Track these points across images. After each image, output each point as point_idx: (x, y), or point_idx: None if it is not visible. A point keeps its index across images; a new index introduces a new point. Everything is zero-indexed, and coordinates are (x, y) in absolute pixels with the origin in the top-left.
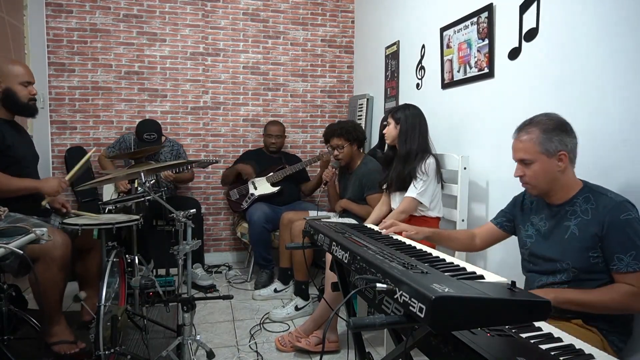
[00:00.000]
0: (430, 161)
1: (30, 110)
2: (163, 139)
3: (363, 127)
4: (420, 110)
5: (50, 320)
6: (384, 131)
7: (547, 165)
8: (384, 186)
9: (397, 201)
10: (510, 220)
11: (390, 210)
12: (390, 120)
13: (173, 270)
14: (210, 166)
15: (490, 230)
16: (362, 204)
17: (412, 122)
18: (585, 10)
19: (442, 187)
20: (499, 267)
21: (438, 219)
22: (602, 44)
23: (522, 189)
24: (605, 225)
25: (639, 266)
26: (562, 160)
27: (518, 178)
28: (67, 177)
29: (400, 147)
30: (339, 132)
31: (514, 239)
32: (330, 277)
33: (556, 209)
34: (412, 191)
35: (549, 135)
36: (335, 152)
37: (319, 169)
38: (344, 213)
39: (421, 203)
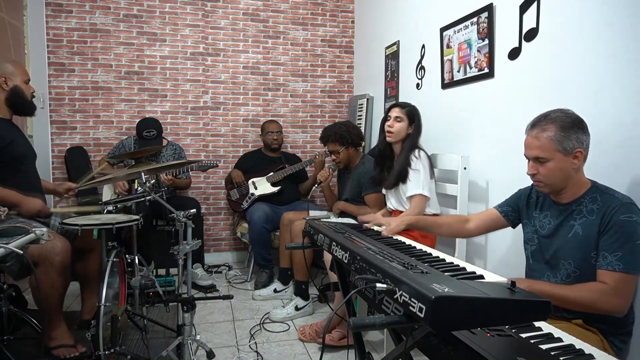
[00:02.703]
0: (422, 154)
1: (33, 108)
2: (165, 141)
3: (363, 128)
4: None
5: (50, 324)
6: (391, 125)
7: (563, 164)
8: (380, 185)
9: (390, 199)
10: (516, 211)
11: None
12: (404, 117)
13: (173, 270)
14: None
15: (491, 215)
16: (359, 203)
17: (421, 126)
18: (585, 10)
19: (435, 183)
20: (499, 267)
21: (436, 215)
22: (602, 44)
23: (524, 186)
24: (605, 224)
25: (619, 267)
26: (578, 158)
27: (528, 175)
28: (54, 210)
29: (409, 147)
30: (333, 138)
31: (514, 239)
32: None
33: (562, 208)
34: (414, 188)
35: (567, 133)
36: (333, 157)
37: (314, 170)
38: (343, 214)
39: (428, 198)
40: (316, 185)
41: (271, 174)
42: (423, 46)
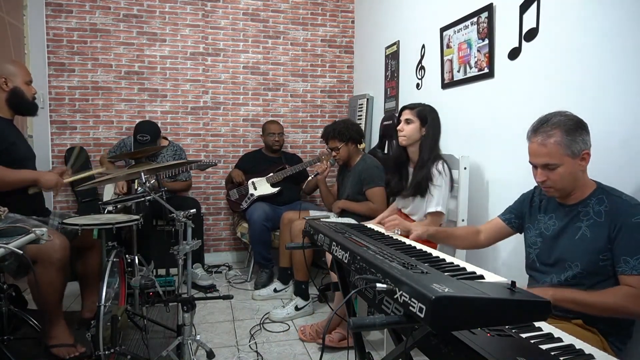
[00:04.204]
0: (447, 168)
1: (35, 108)
2: (166, 142)
3: (363, 127)
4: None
5: (50, 322)
6: (402, 128)
7: (572, 167)
8: (395, 191)
9: (410, 207)
10: (519, 217)
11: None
12: (415, 119)
13: (173, 270)
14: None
15: (496, 225)
16: (360, 200)
17: (438, 126)
18: (585, 10)
19: (451, 190)
20: (500, 267)
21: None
22: (602, 44)
23: (525, 188)
24: (617, 227)
25: None
26: (585, 160)
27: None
28: (68, 179)
29: (425, 152)
30: (333, 135)
31: (516, 239)
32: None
33: (568, 209)
34: (434, 205)
35: (573, 136)
36: (334, 154)
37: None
38: (343, 213)
39: (444, 215)
40: (312, 177)
41: (271, 174)
42: (423, 46)
